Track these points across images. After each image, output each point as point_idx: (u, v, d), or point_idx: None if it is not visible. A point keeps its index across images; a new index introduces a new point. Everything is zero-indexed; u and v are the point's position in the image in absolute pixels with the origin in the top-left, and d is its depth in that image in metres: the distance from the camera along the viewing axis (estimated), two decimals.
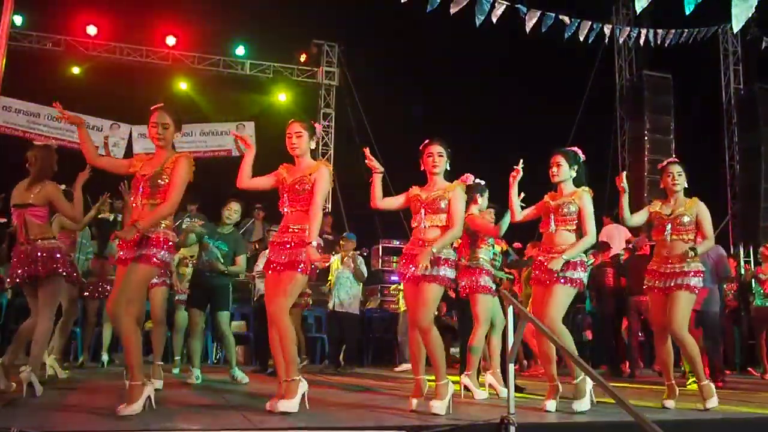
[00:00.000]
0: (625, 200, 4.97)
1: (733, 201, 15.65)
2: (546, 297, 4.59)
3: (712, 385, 4.88)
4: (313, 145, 4.39)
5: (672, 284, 4.86)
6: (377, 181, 4.53)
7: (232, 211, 6.64)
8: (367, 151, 4.54)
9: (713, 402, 4.77)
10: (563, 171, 4.76)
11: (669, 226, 4.95)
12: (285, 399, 3.94)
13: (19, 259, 4.87)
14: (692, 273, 4.86)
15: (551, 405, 4.48)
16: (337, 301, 8.65)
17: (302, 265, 4.07)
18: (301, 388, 4.05)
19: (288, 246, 4.12)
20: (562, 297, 4.58)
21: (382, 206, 4.62)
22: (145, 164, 4.11)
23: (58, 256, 4.94)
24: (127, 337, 3.84)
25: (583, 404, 4.49)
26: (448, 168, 4.56)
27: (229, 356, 6.66)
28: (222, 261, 6.44)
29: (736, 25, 5.80)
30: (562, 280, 4.54)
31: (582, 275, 4.63)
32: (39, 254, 4.85)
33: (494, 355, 5.78)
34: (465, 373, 5.55)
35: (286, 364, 4.07)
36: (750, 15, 5.99)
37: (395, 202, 4.66)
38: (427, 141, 4.57)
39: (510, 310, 3.99)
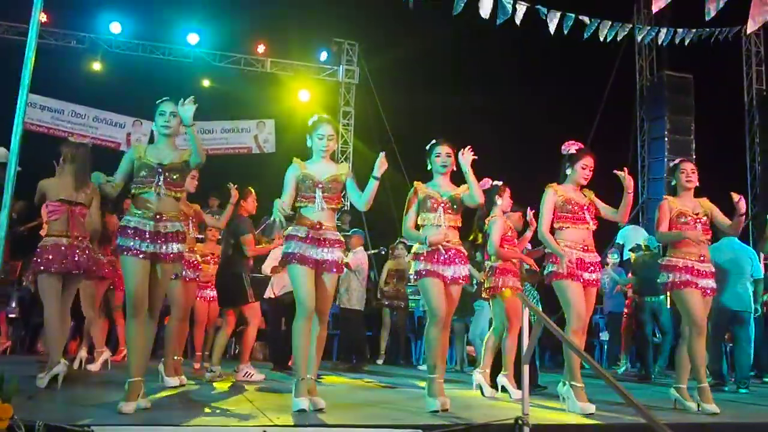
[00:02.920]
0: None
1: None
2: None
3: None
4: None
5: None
6: None
7: None
8: None
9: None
10: None
11: (700, 226, 4.94)
12: (317, 396, 4.09)
13: (60, 253, 4.97)
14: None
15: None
16: (340, 298, 8.63)
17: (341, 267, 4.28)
18: None
19: (328, 245, 4.21)
20: None
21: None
22: (154, 154, 4.18)
23: (95, 258, 5.35)
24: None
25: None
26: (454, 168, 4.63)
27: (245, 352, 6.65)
28: None
29: (751, 26, 5.75)
30: None
31: None
32: (79, 253, 5.05)
33: (509, 356, 5.76)
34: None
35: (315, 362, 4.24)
36: None
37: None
38: (436, 140, 4.64)
39: (525, 312, 4.02)
